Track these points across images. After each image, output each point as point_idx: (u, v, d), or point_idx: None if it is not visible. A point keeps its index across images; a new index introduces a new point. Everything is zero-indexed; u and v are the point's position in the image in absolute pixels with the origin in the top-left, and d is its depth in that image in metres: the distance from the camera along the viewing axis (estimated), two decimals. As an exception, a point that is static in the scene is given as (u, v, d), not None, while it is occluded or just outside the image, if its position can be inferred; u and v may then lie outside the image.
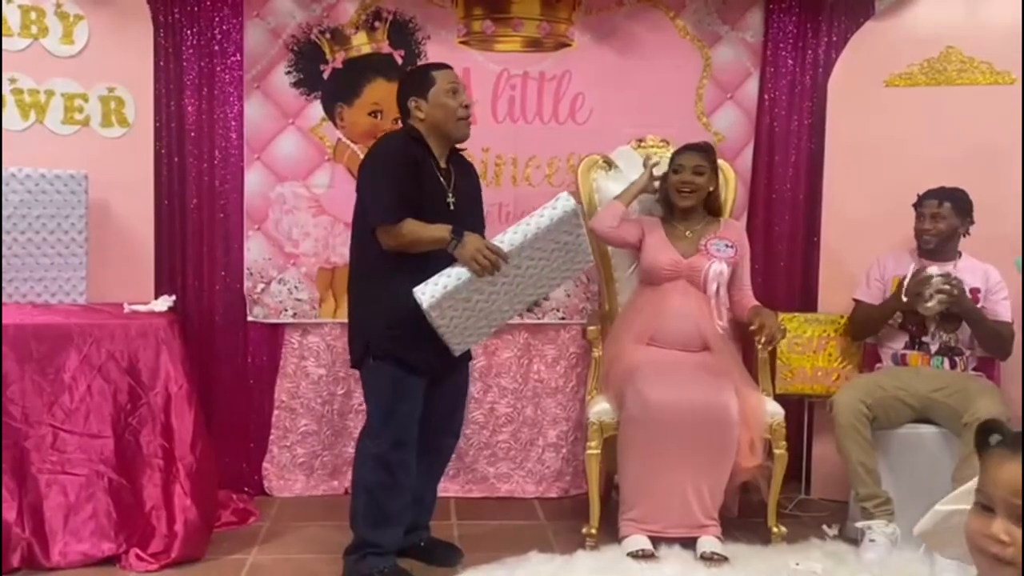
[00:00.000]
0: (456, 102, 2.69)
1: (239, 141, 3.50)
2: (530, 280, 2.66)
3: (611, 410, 3.08)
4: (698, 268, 3.17)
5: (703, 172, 3.22)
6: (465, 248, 2.51)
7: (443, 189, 2.71)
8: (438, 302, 2.51)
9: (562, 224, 2.58)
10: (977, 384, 3.11)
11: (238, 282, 3.54)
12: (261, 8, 3.47)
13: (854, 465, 3.06)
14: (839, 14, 3.68)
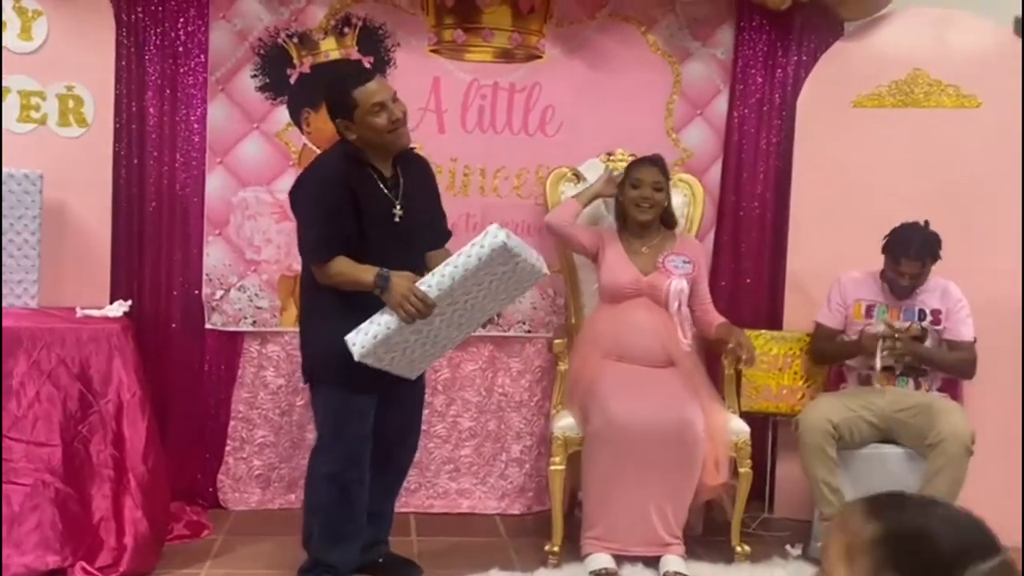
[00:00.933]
0: (383, 120, 2.56)
1: (201, 144, 3.42)
2: (475, 310, 2.56)
3: (576, 425, 3.04)
4: (658, 286, 3.16)
5: (661, 188, 3.23)
6: (391, 295, 2.42)
7: (389, 204, 2.62)
8: (370, 351, 2.45)
9: (492, 262, 2.42)
10: (941, 404, 3.13)
11: (196, 288, 3.45)
12: (227, 10, 3.40)
13: (819, 485, 3.06)
14: (809, 33, 3.70)
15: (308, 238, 2.59)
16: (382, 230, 2.58)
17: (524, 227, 3.61)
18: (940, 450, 2.96)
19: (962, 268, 3.31)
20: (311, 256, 2.58)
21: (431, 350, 2.59)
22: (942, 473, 2.95)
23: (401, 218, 2.63)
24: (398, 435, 2.80)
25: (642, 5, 3.61)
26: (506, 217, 3.59)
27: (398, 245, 2.58)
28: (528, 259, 2.50)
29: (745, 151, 3.71)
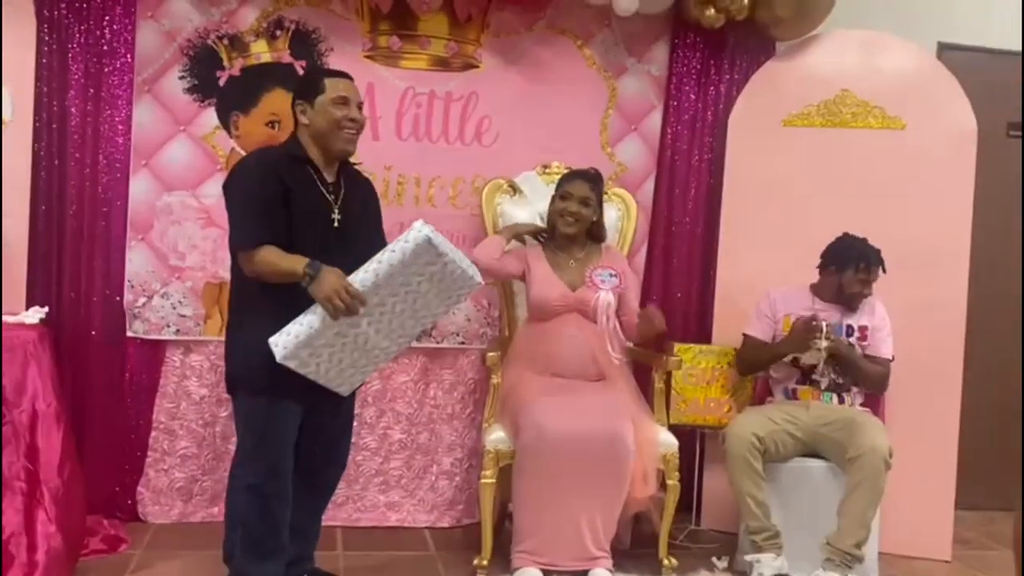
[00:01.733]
0: (342, 113, 2.54)
1: (126, 146, 3.32)
2: (405, 315, 2.48)
3: (507, 439, 3.02)
4: (587, 300, 3.17)
5: (589, 204, 3.22)
6: (320, 287, 2.32)
7: (327, 206, 2.56)
8: (293, 352, 2.36)
9: (417, 257, 2.36)
10: (863, 419, 3.18)
11: (118, 295, 3.34)
12: (156, 9, 3.31)
13: (745, 498, 3.09)
14: (741, 53, 3.77)
15: (236, 225, 2.50)
16: (320, 232, 2.52)
17: (460, 237, 3.59)
18: (859, 464, 3.02)
19: (885, 285, 3.39)
20: (238, 242, 2.48)
21: (361, 361, 2.51)
22: (862, 487, 3.00)
23: (340, 223, 2.57)
24: (327, 450, 2.73)
25: (579, 19, 3.63)
26: (441, 227, 3.45)
27: (336, 250, 2.50)
28: (456, 261, 2.45)
29: (678, 167, 3.76)
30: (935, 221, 3.54)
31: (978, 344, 3.60)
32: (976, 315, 3.58)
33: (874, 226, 3.39)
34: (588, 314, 3.18)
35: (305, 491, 2.66)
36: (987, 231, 3.70)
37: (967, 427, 3.54)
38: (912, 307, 3.45)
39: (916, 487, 3.41)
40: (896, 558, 3.42)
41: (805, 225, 3.53)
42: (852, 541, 2.98)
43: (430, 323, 2.66)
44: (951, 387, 3.52)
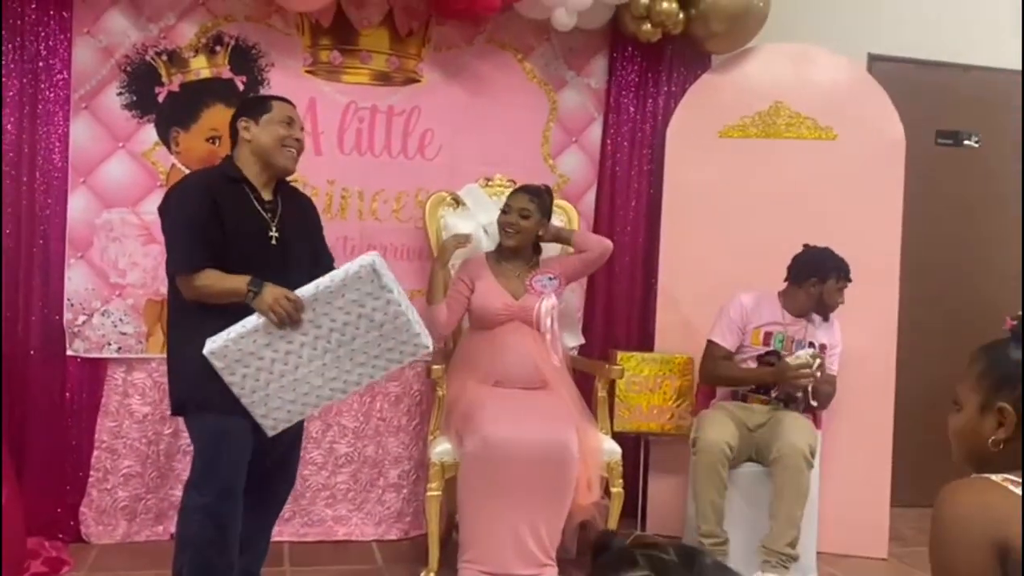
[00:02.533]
0: (287, 132, 2.58)
1: (63, 163, 3.28)
2: (341, 351, 2.43)
3: (452, 450, 3.05)
4: (530, 308, 3.22)
5: (528, 216, 3.26)
6: (263, 299, 2.36)
7: (264, 224, 2.56)
8: (221, 350, 2.35)
9: (359, 282, 2.36)
10: (787, 420, 3.21)
11: (57, 313, 3.30)
12: (92, 25, 3.28)
13: (704, 503, 3.12)
14: (678, 66, 3.84)
15: (173, 250, 2.50)
16: (257, 250, 2.51)
17: (404, 251, 3.62)
18: (782, 465, 3.08)
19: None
20: (176, 267, 2.48)
21: (288, 394, 2.43)
22: (786, 487, 3.06)
23: (278, 240, 2.57)
24: (277, 466, 2.70)
25: (518, 33, 3.68)
26: (385, 240, 3.59)
27: (275, 269, 2.48)
28: (403, 307, 2.41)
29: (618, 178, 3.82)
30: (867, 227, 3.65)
31: (910, 346, 3.71)
32: (907, 318, 3.69)
33: (808, 233, 3.48)
34: (531, 322, 3.22)
35: (255, 507, 2.65)
36: (917, 236, 3.82)
37: (901, 427, 3.65)
38: (846, 311, 3.52)
39: (852, 486, 3.51)
40: (834, 557, 3.51)
41: (743, 233, 3.62)
42: (785, 541, 3.05)
43: (367, 380, 2.52)
44: (885, 388, 3.63)
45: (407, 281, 3.58)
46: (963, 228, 4.26)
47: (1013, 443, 1.31)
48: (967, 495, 1.28)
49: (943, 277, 4.19)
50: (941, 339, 4.06)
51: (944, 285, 4.17)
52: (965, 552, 1.23)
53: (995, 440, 1.32)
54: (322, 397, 2.48)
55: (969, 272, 4.25)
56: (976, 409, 1.35)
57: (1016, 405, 1.31)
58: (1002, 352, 1.36)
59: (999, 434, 1.32)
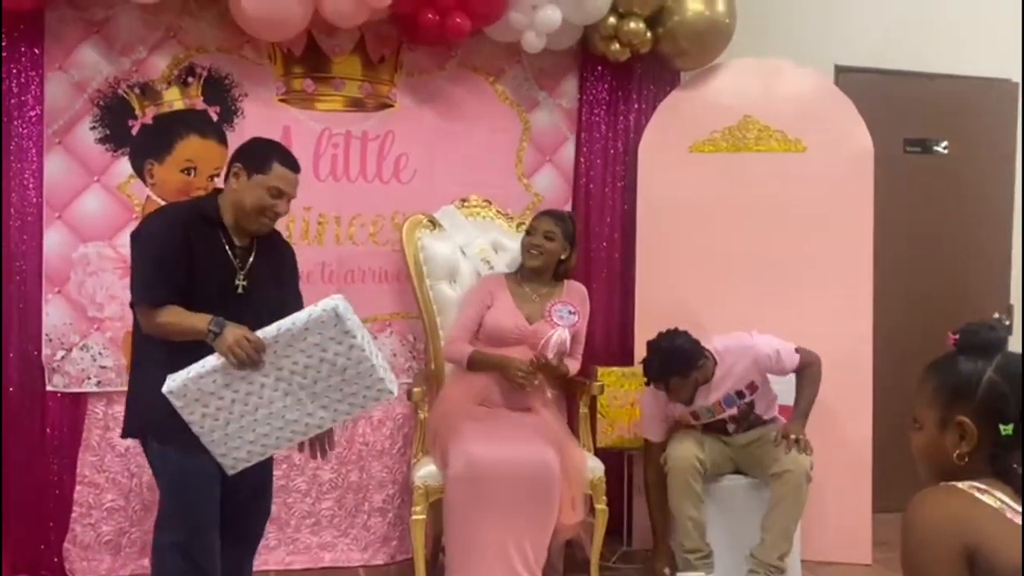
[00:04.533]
0: (271, 202, 2.49)
1: (38, 199, 3.27)
2: (304, 393, 2.35)
3: (437, 472, 3.06)
4: (541, 335, 3.22)
5: (553, 238, 3.30)
6: (223, 339, 2.28)
7: (231, 271, 2.49)
8: (180, 387, 2.29)
9: (321, 326, 2.28)
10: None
11: (36, 349, 3.28)
12: (63, 61, 3.29)
13: (684, 520, 3.15)
14: (647, 84, 3.89)
15: (138, 281, 2.44)
16: (222, 297, 2.46)
17: (382, 274, 3.64)
18: (783, 480, 3.11)
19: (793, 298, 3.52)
20: (138, 297, 2.42)
21: (248, 430, 2.36)
22: (785, 501, 3.10)
23: (245, 289, 2.50)
24: (250, 498, 2.65)
25: (489, 56, 3.72)
26: (363, 264, 3.61)
27: (237, 315, 2.39)
28: (367, 352, 2.34)
29: (592, 195, 3.86)
30: (839, 236, 3.70)
31: (885, 352, 3.75)
32: (882, 324, 3.73)
33: (780, 244, 3.54)
34: (537, 348, 3.21)
35: (232, 542, 2.61)
36: (889, 243, 3.87)
37: (880, 433, 3.69)
38: (821, 319, 3.58)
39: (834, 493, 3.53)
40: (818, 564, 3.54)
41: (717, 246, 3.67)
42: (776, 554, 3.08)
43: (329, 422, 2.44)
44: (862, 395, 3.67)
45: (385, 304, 3.63)
46: (934, 233, 4.32)
47: (977, 453, 1.34)
48: (935, 503, 1.31)
49: (916, 282, 4.24)
50: (917, 344, 4.04)
51: (917, 290, 4.22)
52: (935, 558, 1.26)
53: (960, 454, 1.35)
54: (282, 438, 2.41)
55: (942, 276, 4.31)
56: (936, 426, 1.39)
57: (973, 417, 1.34)
58: (951, 366, 1.39)
59: (962, 447, 1.35)
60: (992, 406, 1.34)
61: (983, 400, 1.35)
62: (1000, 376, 1.35)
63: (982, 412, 1.34)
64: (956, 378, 1.38)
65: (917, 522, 1.30)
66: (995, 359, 1.37)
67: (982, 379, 1.35)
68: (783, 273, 3.55)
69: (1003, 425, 1.33)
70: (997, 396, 1.34)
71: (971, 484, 1.31)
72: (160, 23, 3.36)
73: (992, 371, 1.36)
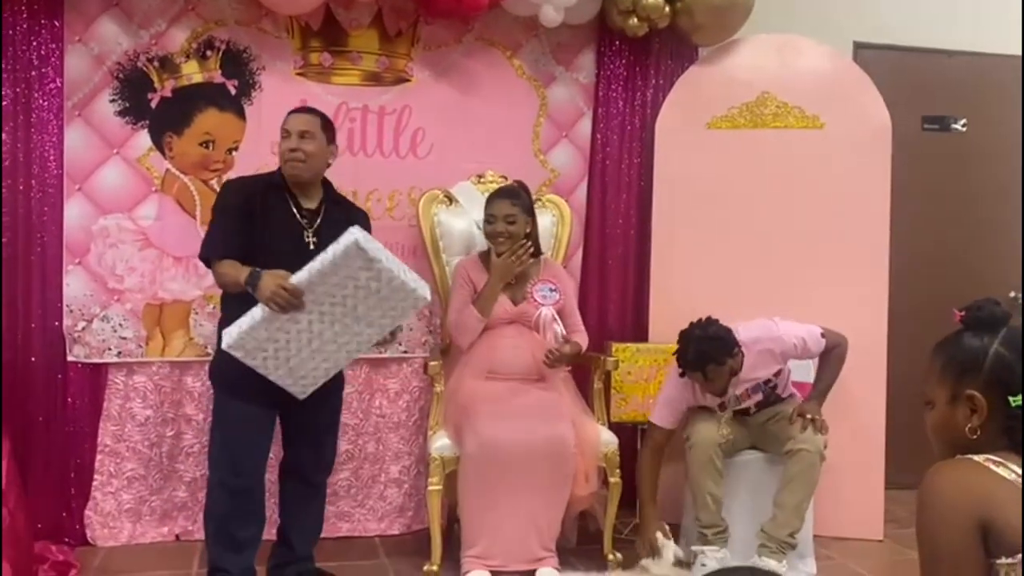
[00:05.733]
0: (285, 145, 2.79)
1: (58, 171, 3.31)
2: (348, 318, 2.55)
3: (452, 445, 3.09)
4: (528, 315, 3.25)
5: (514, 221, 3.24)
6: (261, 290, 2.50)
7: (299, 228, 2.76)
8: (237, 342, 2.52)
9: (348, 259, 2.45)
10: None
11: (57, 320, 3.33)
12: (83, 33, 3.31)
13: (704, 495, 3.15)
14: (665, 59, 3.88)
15: (206, 236, 2.80)
16: (292, 253, 2.66)
17: (398, 248, 3.63)
18: (798, 457, 3.12)
19: (811, 277, 3.53)
20: (203, 250, 2.75)
21: (309, 360, 2.60)
22: (798, 479, 3.11)
23: (316, 245, 2.70)
24: (312, 450, 2.92)
25: (507, 30, 3.71)
26: (380, 239, 3.52)
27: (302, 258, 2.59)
28: (394, 270, 2.51)
29: (609, 171, 3.86)
30: (855, 213, 3.69)
31: (900, 329, 3.75)
32: (897, 302, 3.73)
33: (796, 221, 3.53)
34: (530, 325, 3.25)
35: (297, 491, 2.90)
36: (906, 220, 3.87)
37: (893, 410, 3.70)
38: (836, 297, 3.58)
39: (847, 469, 3.55)
40: (830, 540, 3.56)
41: (733, 223, 3.67)
42: (788, 531, 3.09)
43: (377, 335, 2.66)
44: (876, 372, 3.67)
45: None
46: (951, 211, 4.31)
47: (989, 426, 1.36)
48: (951, 475, 1.32)
49: (932, 260, 4.24)
50: (931, 322, 4.04)
51: (934, 268, 4.22)
52: (950, 530, 1.27)
53: (971, 427, 1.36)
54: (340, 358, 2.66)
55: (959, 254, 4.30)
56: (947, 402, 1.41)
57: (982, 390, 1.36)
58: (958, 343, 1.42)
59: (973, 421, 1.37)
60: (1000, 377, 1.36)
61: (990, 373, 1.37)
62: (1006, 348, 1.37)
63: (991, 384, 1.36)
64: (963, 353, 1.40)
65: (932, 493, 1.31)
66: (1000, 332, 1.39)
67: (988, 352, 1.38)
68: (799, 250, 3.55)
69: (1012, 397, 1.35)
70: (1004, 368, 1.36)
71: (986, 457, 1.33)
72: (179, -4, 3.38)
73: (998, 344, 1.38)
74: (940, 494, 1.30)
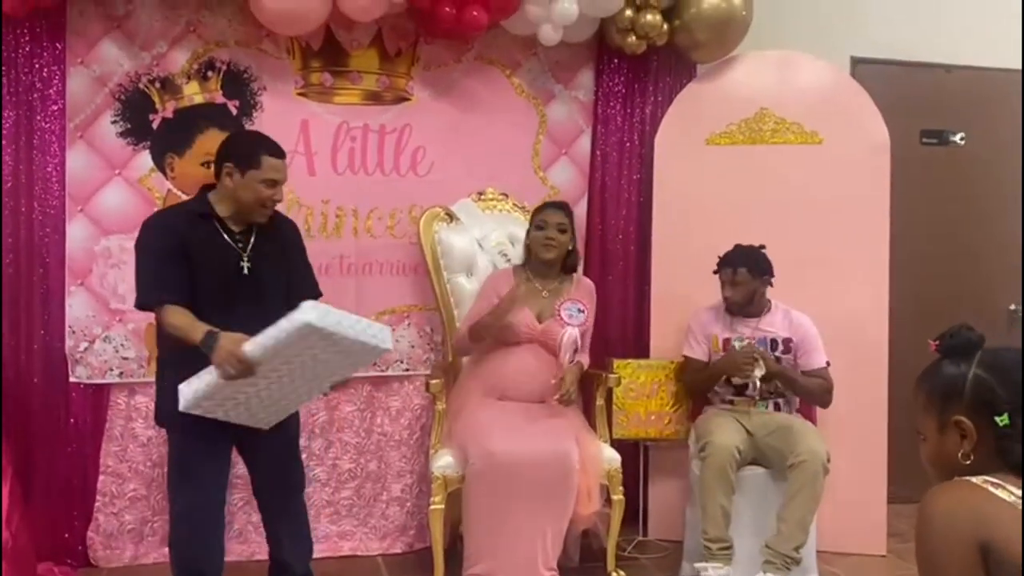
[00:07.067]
0: (268, 193, 2.59)
1: (61, 192, 3.32)
2: (307, 375, 2.49)
3: (455, 463, 3.09)
4: (552, 334, 3.22)
5: (565, 230, 3.32)
6: (217, 355, 2.34)
7: (234, 256, 2.59)
8: (193, 403, 2.41)
9: (303, 338, 2.32)
10: (800, 426, 3.28)
11: (59, 341, 3.34)
12: (85, 55, 3.33)
13: (714, 507, 3.14)
14: (664, 76, 3.90)
15: (138, 284, 2.57)
16: (227, 283, 2.56)
17: (399, 267, 3.66)
18: (800, 470, 3.12)
19: (811, 293, 3.54)
20: (143, 298, 2.55)
21: (272, 406, 2.54)
22: (802, 492, 3.11)
23: (251, 270, 2.60)
24: (277, 475, 2.77)
25: (506, 49, 3.73)
26: (381, 257, 3.64)
27: (248, 299, 2.55)
28: (352, 336, 2.39)
29: (608, 188, 3.87)
30: (855, 228, 3.70)
31: (901, 345, 3.75)
32: (898, 316, 3.73)
33: (796, 237, 3.54)
34: (550, 347, 3.22)
35: (273, 519, 2.78)
36: (906, 234, 3.88)
37: (895, 424, 3.69)
38: (837, 312, 3.59)
39: (849, 484, 3.54)
40: (833, 555, 3.56)
41: (733, 238, 3.63)
42: (792, 545, 3.09)
43: (340, 378, 2.66)
44: (878, 387, 3.67)
45: (402, 297, 3.66)
46: (951, 225, 4.31)
47: (981, 450, 1.37)
48: (949, 498, 1.33)
49: (933, 274, 4.24)
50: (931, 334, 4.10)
51: (934, 282, 4.22)
52: (950, 553, 1.27)
53: (964, 453, 1.38)
54: (302, 399, 2.66)
55: (959, 268, 4.31)
56: (936, 432, 1.42)
57: (968, 414, 1.37)
58: (937, 373, 1.44)
59: (964, 446, 1.38)
60: (983, 400, 1.37)
61: (972, 396, 1.38)
62: (984, 370, 1.39)
63: (974, 408, 1.38)
64: (943, 381, 1.42)
65: (931, 516, 1.32)
66: (976, 356, 1.41)
67: (967, 377, 1.39)
68: (799, 266, 3.55)
69: (997, 417, 1.36)
70: (985, 389, 1.38)
71: (984, 479, 1.33)
72: (180, 18, 3.40)
73: (975, 367, 1.39)
74: (939, 517, 1.30)
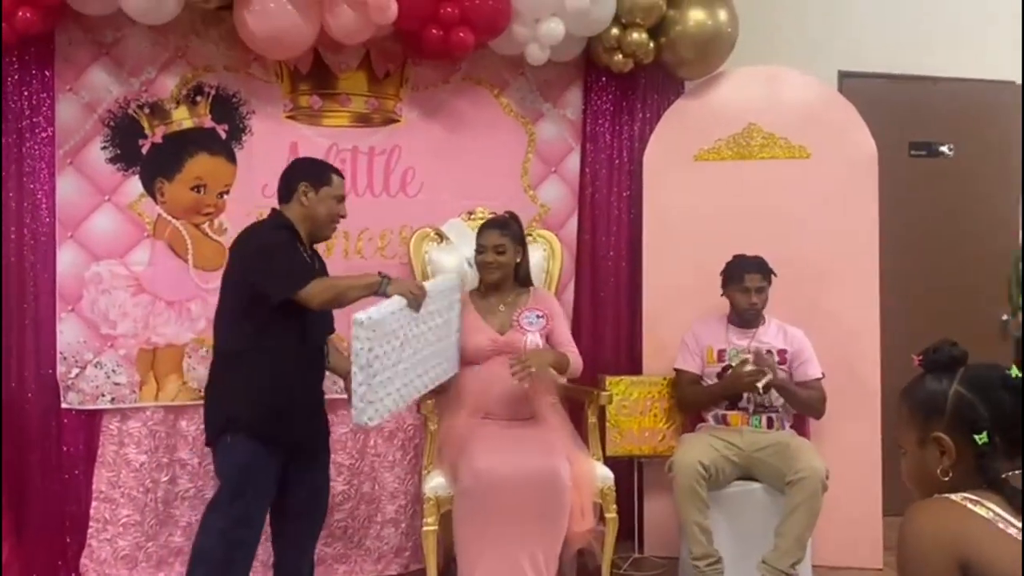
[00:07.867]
0: (339, 208, 2.87)
1: (50, 219, 3.32)
2: (431, 347, 2.93)
3: (447, 484, 3.08)
4: (516, 343, 3.23)
5: (503, 251, 3.26)
6: (399, 283, 2.75)
7: (312, 271, 2.79)
8: (379, 320, 2.61)
9: (451, 292, 3.09)
10: (797, 443, 3.29)
11: (50, 367, 3.33)
12: (74, 82, 3.34)
13: (691, 526, 3.16)
14: (651, 93, 3.92)
15: (282, 271, 2.67)
16: None
17: (389, 286, 3.66)
18: (799, 487, 3.12)
19: (802, 307, 3.54)
20: (293, 284, 2.64)
21: (397, 381, 2.76)
22: (800, 508, 3.10)
23: None
24: (309, 501, 2.90)
25: (494, 69, 3.75)
26: None
27: (318, 315, 2.78)
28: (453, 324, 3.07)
29: (598, 205, 3.89)
30: (845, 241, 3.72)
31: (893, 357, 3.75)
32: (889, 329, 3.74)
33: (786, 251, 3.54)
34: (516, 356, 3.25)
35: (292, 537, 2.88)
36: (895, 246, 3.89)
37: (889, 437, 3.69)
38: (827, 325, 3.60)
39: (844, 498, 3.52)
40: (829, 570, 3.55)
41: (723, 254, 3.65)
42: (789, 561, 3.08)
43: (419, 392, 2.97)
44: (870, 399, 3.68)
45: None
46: (940, 236, 4.32)
47: (960, 466, 1.37)
48: (929, 515, 1.33)
49: (922, 286, 4.25)
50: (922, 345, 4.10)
51: (924, 294, 4.23)
52: (930, 570, 1.28)
53: (943, 469, 1.38)
54: (403, 397, 2.84)
55: (949, 279, 4.31)
56: (916, 447, 1.43)
57: (947, 431, 1.38)
58: (920, 387, 1.45)
59: (944, 462, 1.38)
60: (963, 417, 1.38)
61: (953, 413, 1.39)
62: (965, 388, 1.40)
63: (954, 425, 1.38)
64: (925, 396, 1.43)
65: (911, 534, 1.32)
66: (958, 372, 1.42)
67: (948, 394, 1.40)
68: (790, 280, 3.56)
69: (976, 435, 1.36)
70: (966, 407, 1.38)
71: (964, 496, 1.34)
72: (168, 43, 3.41)
73: (957, 384, 1.40)
74: (919, 534, 1.31)
